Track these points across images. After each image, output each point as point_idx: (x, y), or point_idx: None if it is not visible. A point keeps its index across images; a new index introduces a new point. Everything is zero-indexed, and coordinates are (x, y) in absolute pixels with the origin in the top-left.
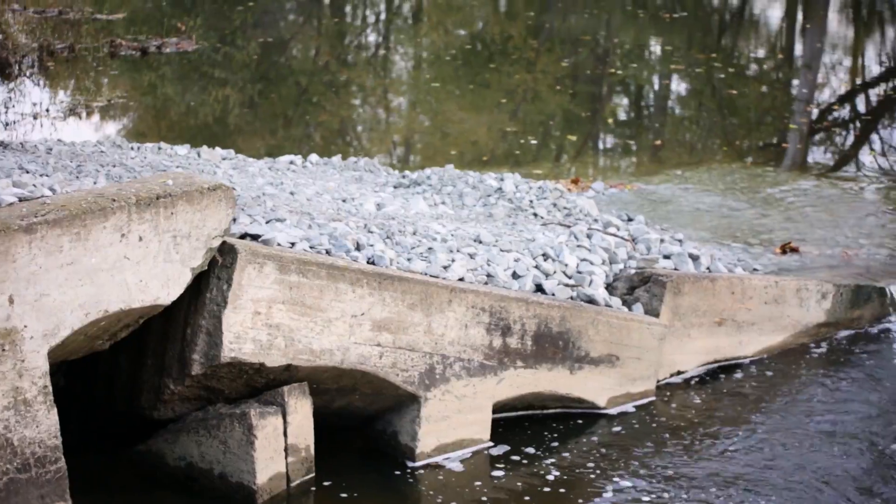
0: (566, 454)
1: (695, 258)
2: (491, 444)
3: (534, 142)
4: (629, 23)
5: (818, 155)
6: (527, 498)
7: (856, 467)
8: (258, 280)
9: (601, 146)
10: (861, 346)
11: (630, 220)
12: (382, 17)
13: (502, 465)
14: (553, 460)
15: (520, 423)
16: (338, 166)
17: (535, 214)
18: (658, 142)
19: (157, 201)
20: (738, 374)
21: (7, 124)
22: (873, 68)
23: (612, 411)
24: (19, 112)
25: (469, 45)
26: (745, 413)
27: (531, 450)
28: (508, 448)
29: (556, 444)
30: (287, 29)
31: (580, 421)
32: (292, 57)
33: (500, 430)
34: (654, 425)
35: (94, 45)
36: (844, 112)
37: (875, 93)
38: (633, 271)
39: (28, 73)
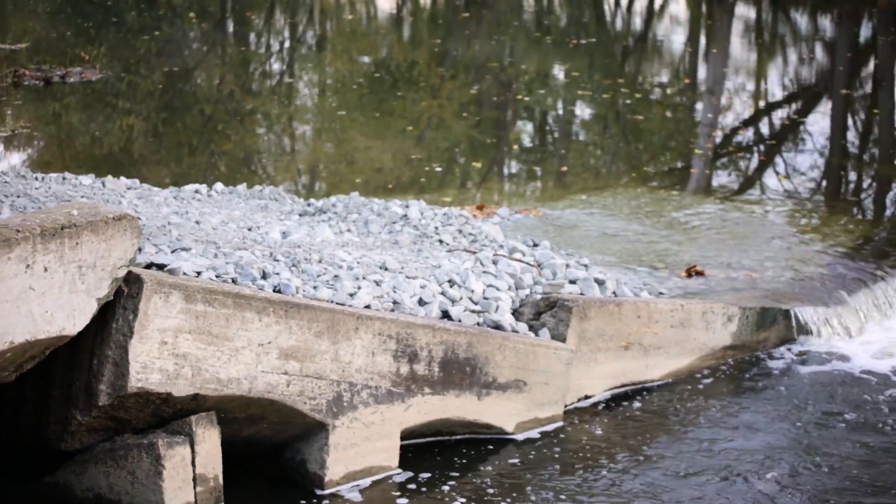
0: (474, 480)
1: (600, 283)
2: (399, 470)
3: (439, 169)
4: (533, 49)
5: (723, 178)
6: None
7: (758, 493)
8: (164, 310)
9: (506, 172)
10: (767, 369)
11: (535, 245)
12: (287, 45)
13: (410, 492)
14: (460, 486)
15: (430, 450)
16: (243, 195)
17: (441, 241)
18: (563, 168)
19: (62, 232)
20: (645, 398)
21: None
22: (776, 92)
23: (521, 437)
24: None
25: (374, 72)
26: (651, 438)
27: (439, 476)
28: (416, 475)
29: (463, 470)
30: (191, 57)
31: (489, 447)
32: (197, 85)
33: (410, 455)
34: (562, 450)
35: None
36: (748, 136)
37: (778, 116)
38: (539, 297)
39: None
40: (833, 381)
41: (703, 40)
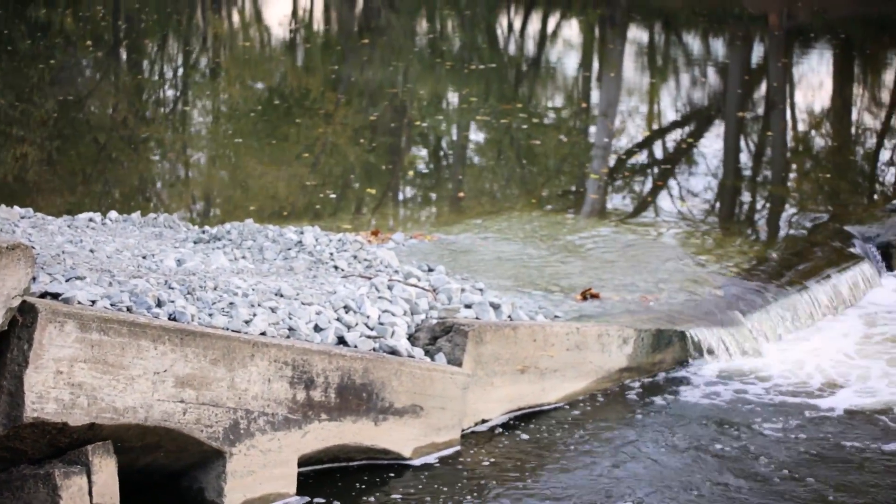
0: None
1: (496, 307)
2: (297, 497)
3: (333, 195)
4: (427, 74)
5: (617, 201)
6: None
7: None
8: (59, 339)
9: (401, 197)
10: (662, 391)
11: (431, 270)
12: (181, 72)
13: None
14: None
15: (328, 476)
16: (137, 223)
17: (336, 267)
18: (458, 192)
19: None
20: (542, 422)
21: None
22: (670, 115)
23: (418, 462)
24: None
25: (268, 98)
26: (547, 462)
27: (336, 502)
28: (313, 501)
29: (361, 495)
30: (85, 85)
31: (387, 472)
32: (91, 113)
33: (310, 482)
34: (459, 475)
35: None
36: (642, 159)
37: (672, 139)
38: (434, 321)
39: None
40: (728, 401)
41: (596, 64)
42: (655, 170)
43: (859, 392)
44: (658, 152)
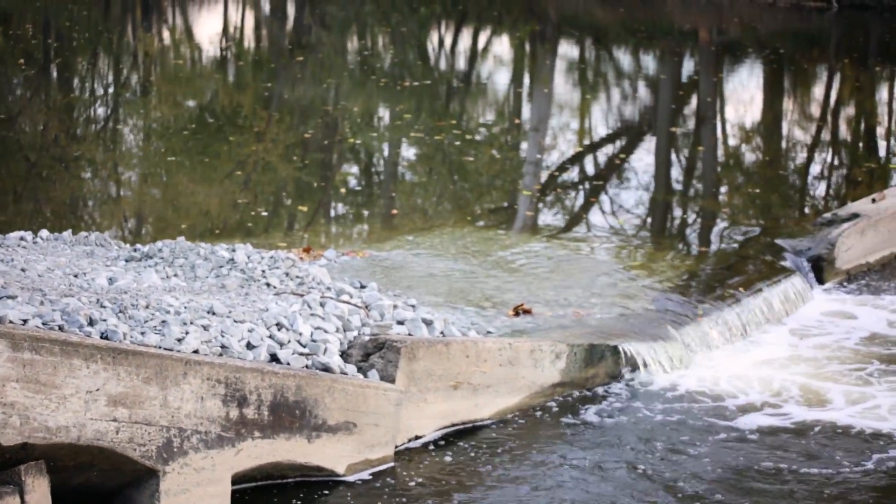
0: None
1: (428, 323)
2: None
3: (265, 212)
4: (359, 91)
5: (549, 217)
6: None
7: None
8: None
9: (333, 214)
10: (595, 405)
11: (363, 287)
12: (112, 90)
13: None
14: None
15: (265, 492)
16: (69, 241)
17: (268, 284)
18: (390, 208)
19: None
20: (476, 438)
21: None
22: (601, 130)
23: (352, 478)
24: None
25: (199, 116)
26: (479, 477)
27: None
28: None
29: None
30: (15, 104)
31: (321, 489)
32: (21, 131)
33: (245, 499)
34: (392, 492)
35: None
36: (574, 174)
37: (603, 154)
38: (367, 338)
39: None
40: (660, 415)
41: (527, 79)
42: (587, 185)
43: (789, 406)
44: (590, 167)
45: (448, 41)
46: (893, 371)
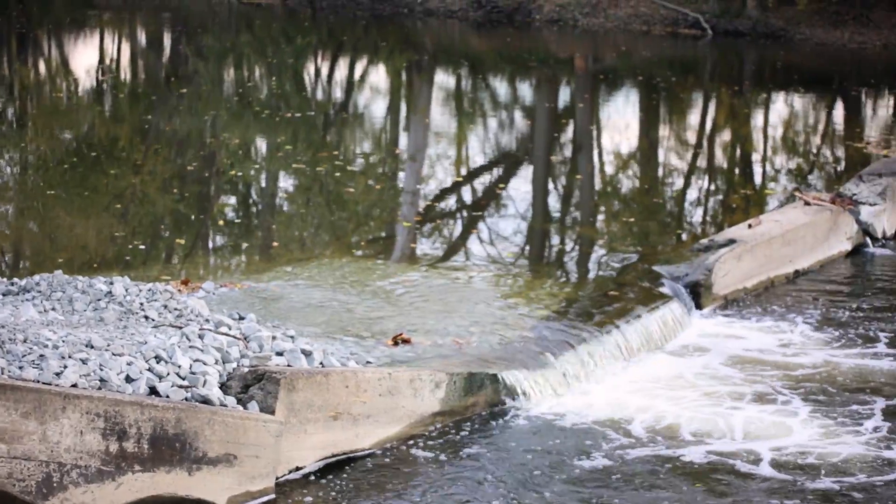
0: None
1: (307, 354)
2: None
3: (143, 245)
4: (236, 122)
5: (427, 246)
6: None
7: None
8: None
9: (211, 246)
10: (475, 434)
11: (241, 318)
12: None
13: None
14: None
15: None
16: None
17: (147, 317)
18: (268, 239)
19: None
20: (356, 468)
21: None
22: (478, 159)
23: None
24: None
25: (77, 148)
26: None
27: None
28: None
29: None
30: None
31: None
32: None
33: None
34: None
35: None
36: (451, 203)
37: (481, 183)
38: (246, 370)
39: None
40: (539, 443)
41: (404, 109)
42: (465, 214)
43: (669, 432)
44: (468, 196)
45: (325, 71)
46: (769, 396)
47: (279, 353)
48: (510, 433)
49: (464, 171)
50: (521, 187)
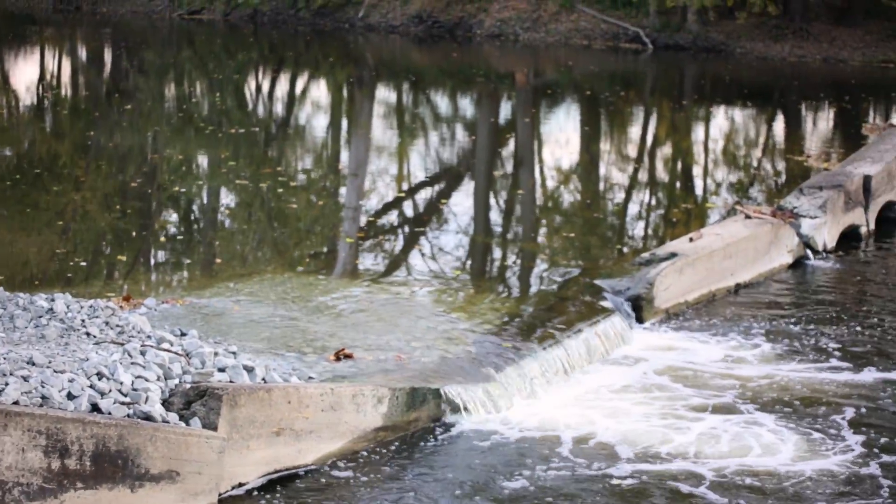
0: None
1: (249, 370)
2: None
3: (85, 262)
4: (178, 138)
5: (369, 262)
6: None
7: None
8: None
9: (153, 262)
10: (417, 449)
11: (184, 334)
12: None
13: None
14: None
15: None
16: None
17: (88, 334)
18: (210, 255)
19: None
20: (298, 484)
21: None
22: (419, 174)
23: None
24: None
25: (17, 165)
26: None
27: None
28: None
29: None
30: None
31: None
32: None
33: None
34: None
35: None
36: (393, 218)
37: (422, 197)
38: (188, 386)
39: None
40: (481, 457)
41: (345, 124)
42: (407, 229)
43: (607, 448)
44: (409, 211)
45: (267, 87)
46: (711, 408)
47: (221, 370)
48: (450, 448)
49: (406, 187)
50: (463, 202)
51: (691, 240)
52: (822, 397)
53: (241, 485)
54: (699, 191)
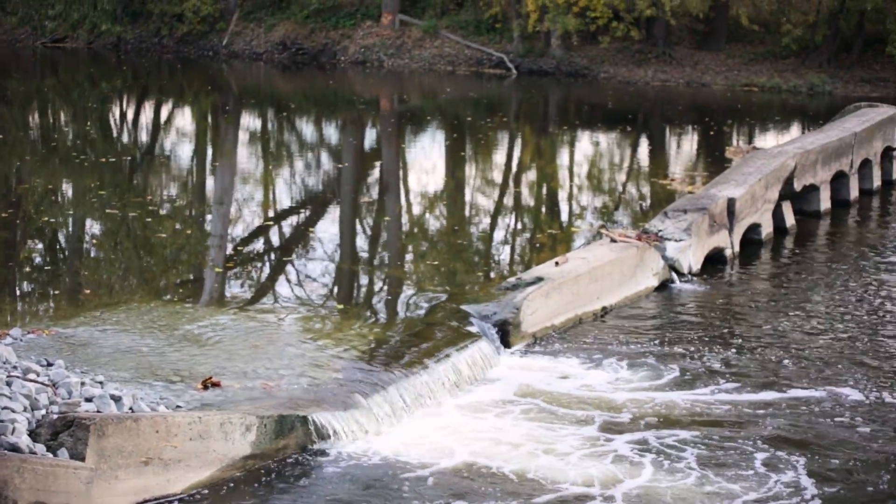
0: None
1: (117, 399)
2: None
3: None
4: (41, 167)
5: (236, 289)
6: None
7: None
8: None
9: (18, 292)
10: (285, 476)
11: (50, 364)
12: None
13: None
14: None
15: None
16: None
17: None
18: (76, 284)
19: None
20: None
21: None
22: (286, 201)
23: None
24: None
25: None
26: None
27: None
28: None
29: None
30: None
31: None
32: None
33: None
34: None
35: None
36: (259, 245)
37: (289, 224)
38: (55, 416)
39: None
40: (349, 483)
41: (210, 151)
42: (273, 256)
43: (470, 471)
44: (276, 239)
45: (131, 115)
46: (569, 431)
47: (88, 399)
48: (318, 474)
49: (272, 214)
50: (329, 229)
51: (557, 264)
52: (684, 417)
53: None
54: (565, 215)
